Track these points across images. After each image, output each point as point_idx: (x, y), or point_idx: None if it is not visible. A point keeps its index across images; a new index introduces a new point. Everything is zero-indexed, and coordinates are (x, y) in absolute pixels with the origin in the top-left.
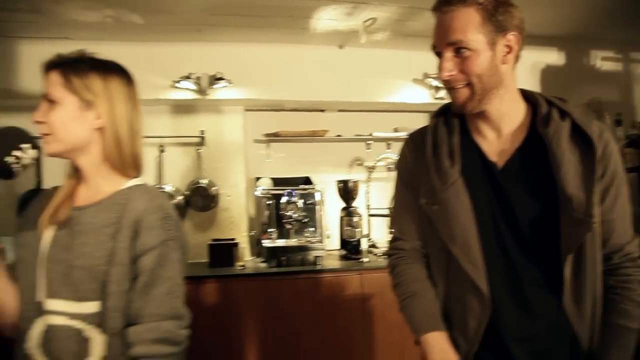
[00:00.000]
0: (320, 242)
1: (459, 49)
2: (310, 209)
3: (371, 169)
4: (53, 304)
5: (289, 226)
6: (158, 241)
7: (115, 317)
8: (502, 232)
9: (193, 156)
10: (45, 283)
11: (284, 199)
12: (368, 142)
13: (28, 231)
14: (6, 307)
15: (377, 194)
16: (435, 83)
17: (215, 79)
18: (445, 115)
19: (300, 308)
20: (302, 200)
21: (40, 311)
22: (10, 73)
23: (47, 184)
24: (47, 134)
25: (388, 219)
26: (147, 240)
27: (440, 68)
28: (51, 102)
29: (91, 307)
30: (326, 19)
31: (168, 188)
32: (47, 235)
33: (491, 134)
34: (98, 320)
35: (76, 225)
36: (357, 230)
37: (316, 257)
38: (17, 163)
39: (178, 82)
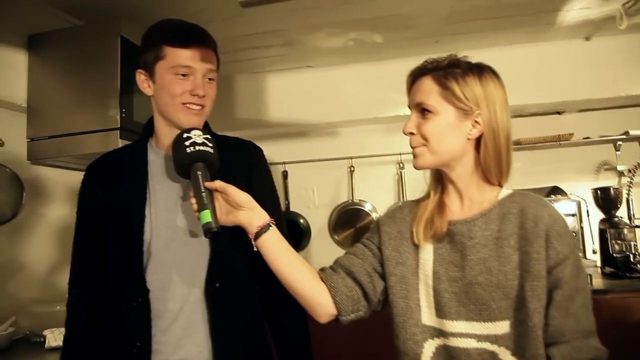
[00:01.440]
0: (585, 258)
1: None
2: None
3: (630, 172)
4: (454, 326)
5: None
6: (570, 249)
7: (537, 337)
8: None
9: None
10: (433, 303)
11: None
12: (618, 142)
13: (402, 248)
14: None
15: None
16: None
17: None
18: None
19: None
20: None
21: (430, 333)
22: (259, 105)
23: (293, 207)
24: (418, 146)
25: None
26: (562, 249)
27: None
28: (424, 111)
29: (502, 327)
30: (578, 9)
31: None
32: (426, 251)
33: None
34: (510, 341)
35: (467, 240)
36: (631, 243)
37: (587, 275)
38: (192, 143)
39: None
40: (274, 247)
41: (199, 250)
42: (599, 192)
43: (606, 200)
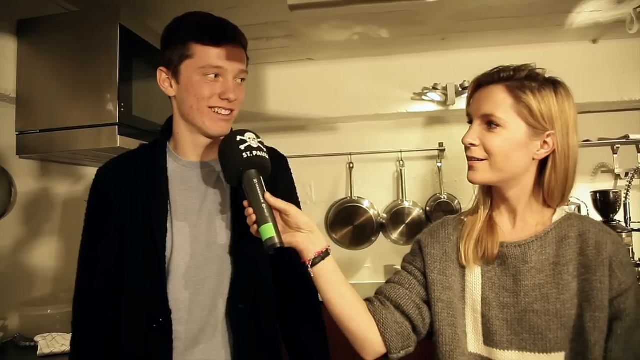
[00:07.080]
0: None
1: None
2: None
3: (627, 175)
4: (505, 356)
5: None
6: (632, 279)
7: None
8: None
9: (433, 170)
10: (481, 330)
11: None
12: (616, 146)
13: (449, 271)
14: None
15: (636, 205)
16: None
17: (462, 89)
18: None
19: None
20: None
21: None
22: (258, 97)
23: None
24: (479, 160)
25: None
26: (625, 279)
27: None
28: (491, 124)
29: (557, 358)
30: (588, 11)
31: (407, 204)
32: (474, 274)
33: None
34: None
35: (521, 264)
36: (629, 248)
37: None
38: (248, 147)
39: (422, 93)
40: (331, 277)
41: (221, 269)
42: (598, 195)
43: (605, 203)
